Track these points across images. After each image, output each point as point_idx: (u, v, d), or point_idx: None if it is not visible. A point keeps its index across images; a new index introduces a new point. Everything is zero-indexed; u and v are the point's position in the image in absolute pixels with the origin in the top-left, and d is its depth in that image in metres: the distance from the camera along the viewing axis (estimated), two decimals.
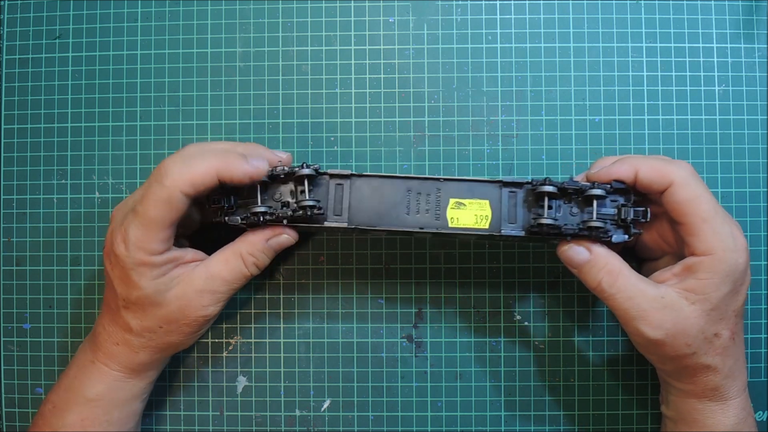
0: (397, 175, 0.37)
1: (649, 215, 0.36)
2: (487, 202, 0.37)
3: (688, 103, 0.44)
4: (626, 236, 0.36)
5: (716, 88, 0.44)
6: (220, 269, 0.37)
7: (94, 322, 0.40)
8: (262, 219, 0.36)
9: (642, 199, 0.37)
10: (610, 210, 0.36)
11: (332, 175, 0.37)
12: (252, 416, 0.44)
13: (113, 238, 0.36)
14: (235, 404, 0.44)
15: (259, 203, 0.37)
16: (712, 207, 0.34)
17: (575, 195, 0.36)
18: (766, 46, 0.44)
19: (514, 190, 0.37)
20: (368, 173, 0.37)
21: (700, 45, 0.44)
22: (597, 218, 0.36)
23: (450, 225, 0.37)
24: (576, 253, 0.36)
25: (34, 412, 0.44)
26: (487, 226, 0.37)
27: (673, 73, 0.44)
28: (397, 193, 0.37)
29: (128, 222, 0.35)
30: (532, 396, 0.44)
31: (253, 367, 0.44)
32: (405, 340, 0.44)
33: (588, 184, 0.36)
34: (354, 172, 0.37)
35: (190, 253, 0.38)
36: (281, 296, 0.44)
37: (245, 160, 0.35)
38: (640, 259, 0.42)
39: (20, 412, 0.44)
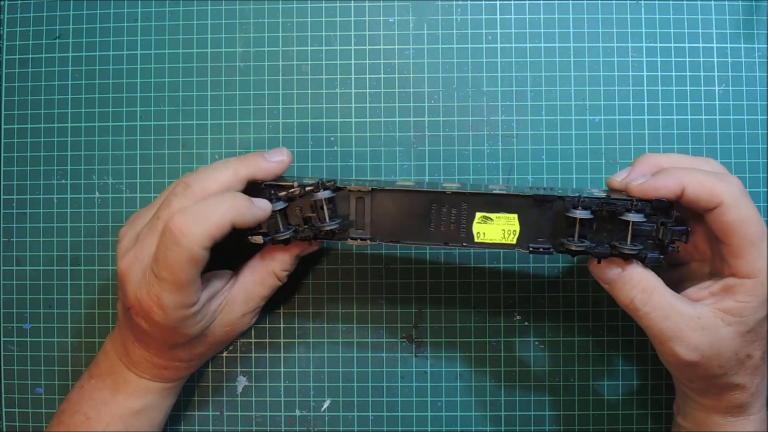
0: (420, 189, 0.36)
1: (689, 237, 0.34)
2: (515, 216, 0.35)
3: (688, 103, 0.44)
4: (661, 256, 0.34)
5: (716, 88, 0.44)
6: (258, 290, 0.39)
7: (122, 345, 0.39)
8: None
9: (682, 214, 0.35)
10: (647, 226, 0.34)
11: (352, 191, 0.36)
12: (252, 416, 0.44)
13: (143, 306, 0.34)
14: (235, 404, 0.44)
15: (282, 230, 0.36)
16: (760, 229, 0.33)
17: (609, 215, 0.34)
18: (766, 46, 0.44)
19: (544, 204, 0.35)
20: (390, 187, 0.36)
21: (700, 45, 0.44)
22: (632, 244, 0.34)
23: (476, 240, 0.35)
24: (608, 269, 0.35)
25: (34, 412, 0.44)
26: (514, 242, 0.35)
27: (673, 73, 0.44)
28: (421, 206, 0.36)
29: (156, 290, 0.34)
30: (532, 396, 0.44)
31: (253, 367, 0.44)
32: (405, 340, 0.44)
33: (625, 201, 0.34)
34: (375, 187, 0.36)
35: (217, 282, 0.37)
36: (281, 296, 0.44)
37: (253, 204, 0.35)
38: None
39: (20, 412, 0.44)
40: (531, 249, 0.35)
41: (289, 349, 0.44)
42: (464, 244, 0.35)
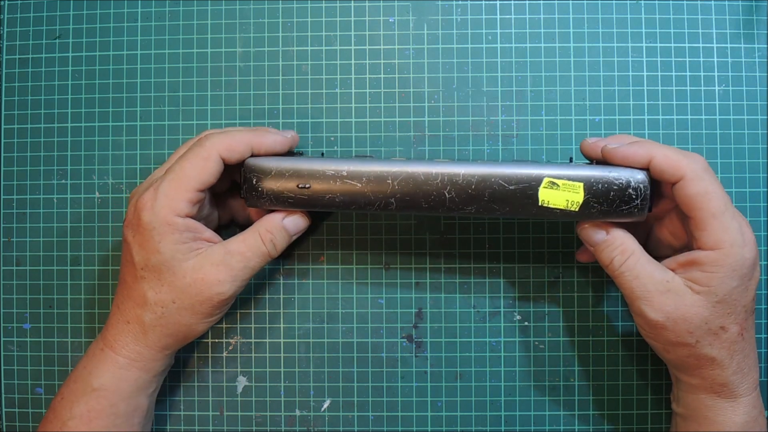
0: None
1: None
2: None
3: (688, 103, 0.44)
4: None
5: (716, 88, 0.44)
6: (238, 245, 0.38)
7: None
8: None
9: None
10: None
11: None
12: (252, 416, 0.44)
13: (139, 203, 0.37)
14: (235, 404, 0.44)
15: None
16: (723, 203, 0.35)
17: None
18: (766, 46, 0.44)
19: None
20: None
21: (700, 45, 0.44)
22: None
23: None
24: (594, 232, 0.37)
25: (34, 412, 0.44)
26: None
27: (673, 73, 0.44)
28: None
29: (160, 181, 0.37)
30: (532, 396, 0.44)
31: (253, 367, 0.44)
32: (405, 340, 0.44)
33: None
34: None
35: (208, 232, 0.38)
36: (281, 296, 0.44)
37: (274, 132, 0.39)
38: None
39: (20, 412, 0.44)
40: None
41: (289, 349, 0.44)
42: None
